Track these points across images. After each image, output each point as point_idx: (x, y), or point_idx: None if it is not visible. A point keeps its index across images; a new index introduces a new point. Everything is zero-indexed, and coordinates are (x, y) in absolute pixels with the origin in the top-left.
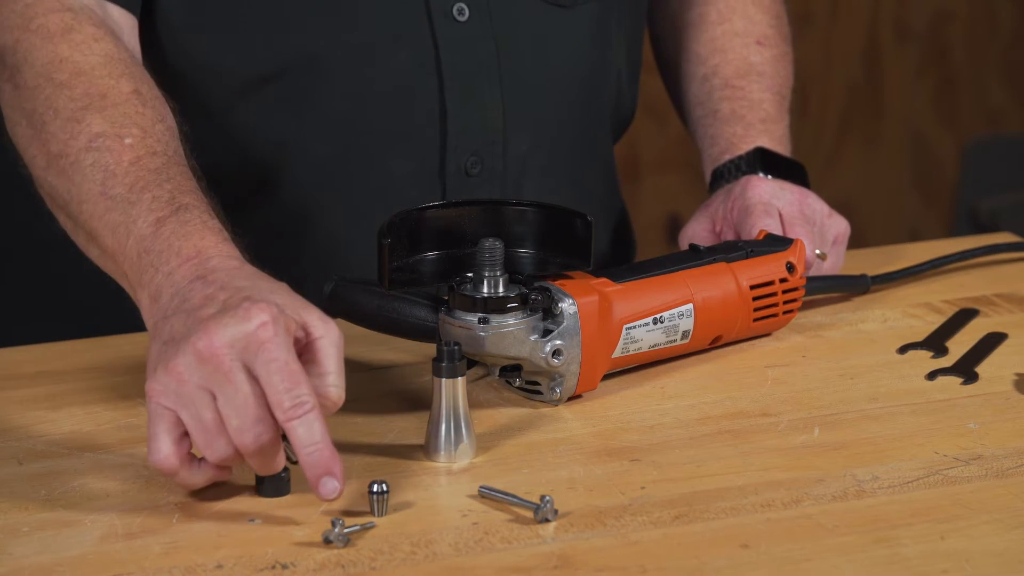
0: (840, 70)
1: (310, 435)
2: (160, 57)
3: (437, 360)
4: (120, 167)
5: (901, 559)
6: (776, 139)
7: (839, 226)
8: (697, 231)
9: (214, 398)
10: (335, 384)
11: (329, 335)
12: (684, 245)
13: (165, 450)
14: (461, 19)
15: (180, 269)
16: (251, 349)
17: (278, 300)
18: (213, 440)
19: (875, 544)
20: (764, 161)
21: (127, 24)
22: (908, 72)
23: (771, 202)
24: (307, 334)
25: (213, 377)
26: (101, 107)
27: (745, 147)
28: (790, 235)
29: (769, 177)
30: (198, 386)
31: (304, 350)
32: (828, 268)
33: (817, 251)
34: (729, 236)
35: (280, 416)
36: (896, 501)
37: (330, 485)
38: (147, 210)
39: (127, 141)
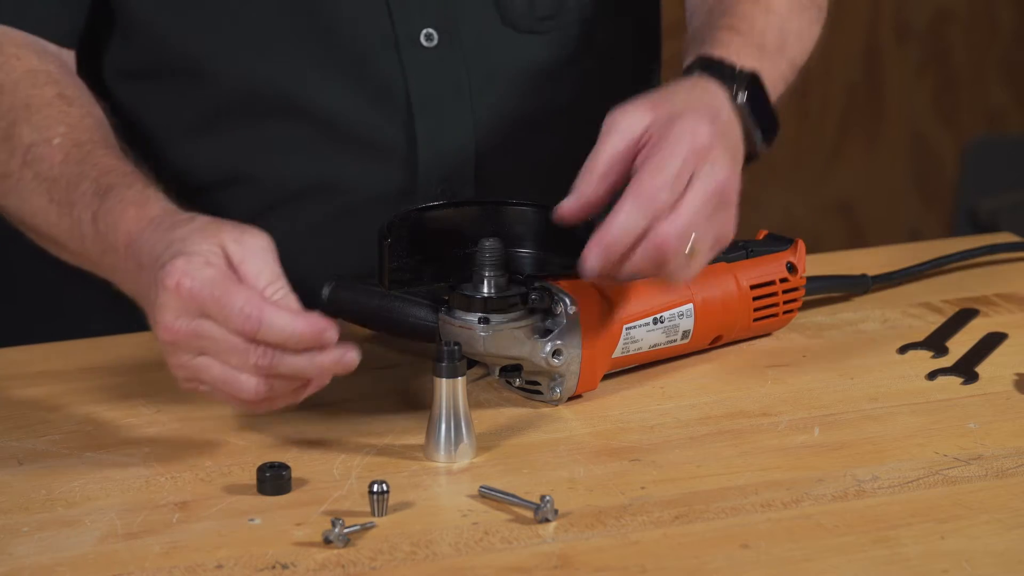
0: (840, 70)
1: (279, 332)
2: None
3: (437, 360)
4: (54, 171)
5: (901, 559)
6: (765, 70)
7: (723, 225)
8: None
9: (210, 354)
10: (278, 292)
11: (247, 255)
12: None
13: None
14: (429, 45)
15: (127, 265)
16: (189, 307)
17: (186, 250)
18: (236, 383)
19: (875, 544)
20: (744, 83)
21: (66, 58)
22: (908, 72)
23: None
24: (229, 261)
25: (192, 345)
26: (27, 117)
27: (735, 58)
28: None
29: (722, 88)
30: (192, 360)
31: (238, 275)
32: (693, 266)
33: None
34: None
35: (248, 337)
36: (896, 501)
37: (329, 335)
38: (83, 209)
39: (55, 142)
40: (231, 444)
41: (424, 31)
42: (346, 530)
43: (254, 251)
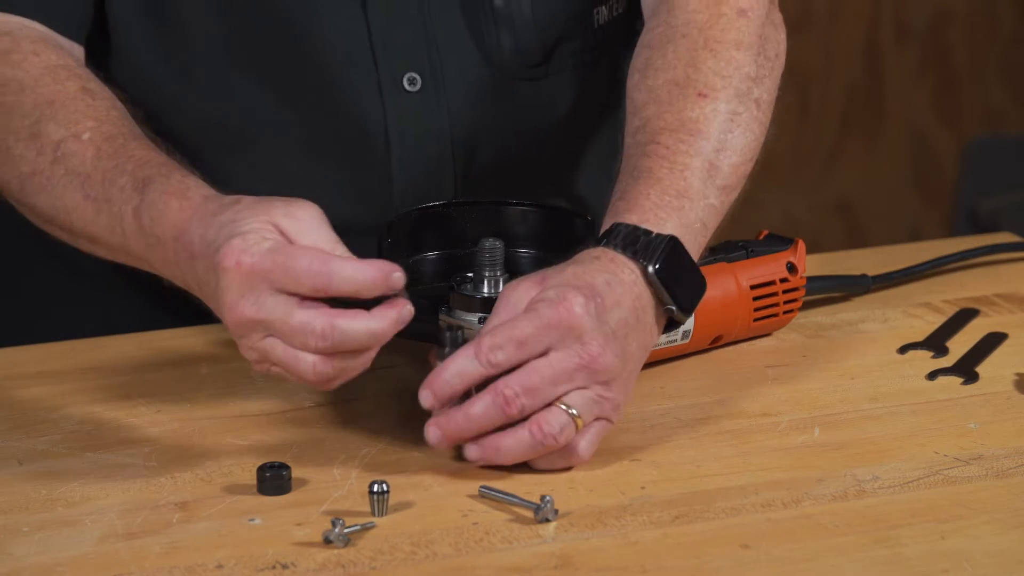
0: (840, 70)
1: (349, 280)
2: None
3: (440, 345)
4: (87, 166)
5: (901, 559)
6: (687, 222)
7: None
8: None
9: (274, 335)
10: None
11: (301, 227)
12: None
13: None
14: (412, 89)
15: (179, 257)
16: (253, 283)
17: (238, 230)
18: (295, 362)
19: (875, 544)
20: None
21: (76, 53)
22: (908, 72)
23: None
24: (285, 236)
25: (259, 328)
26: (52, 114)
27: (653, 218)
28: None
29: (631, 265)
30: (261, 341)
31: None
32: (589, 437)
33: (574, 411)
34: None
35: (321, 290)
36: (896, 501)
37: (396, 277)
38: (123, 204)
39: (85, 137)
40: (231, 444)
41: (407, 75)
42: (346, 530)
43: (308, 222)
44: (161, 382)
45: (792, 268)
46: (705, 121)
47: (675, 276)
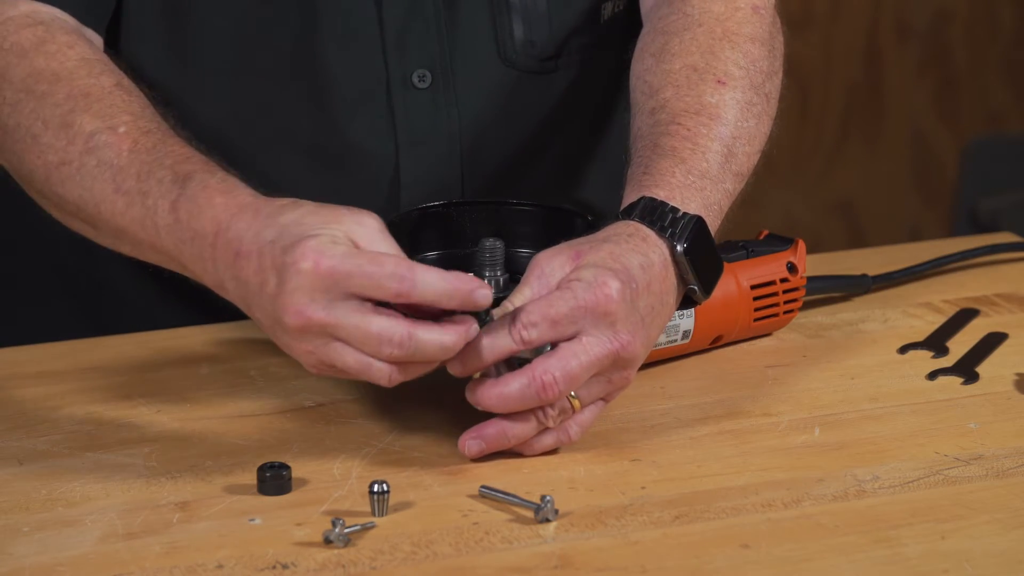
0: (840, 70)
1: (431, 287)
2: None
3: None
4: (122, 159)
5: (901, 559)
6: (708, 203)
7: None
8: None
9: (344, 341)
10: (398, 260)
11: (367, 235)
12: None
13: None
14: (422, 86)
15: (217, 254)
16: (328, 286)
17: (310, 232)
18: (369, 370)
19: (875, 544)
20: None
21: (98, 45)
22: (908, 72)
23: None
24: (355, 244)
25: (326, 331)
26: (86, 106)
27: (679, 196)
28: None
29: (660, 243)
30: (326, 343)
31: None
32: (582, 420)
33: (572, 393)
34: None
35: (404, 297)
36: (896, 501)
37: (480, 294)
38: (160, 197)
39: (121, 130)
40: (231, 444)
41: (417, 72)
42: (346, 530)
43: (375, 233)
44: (161, 382)
45: (792, 268)
46: (724, 107)
47: (700, 256)
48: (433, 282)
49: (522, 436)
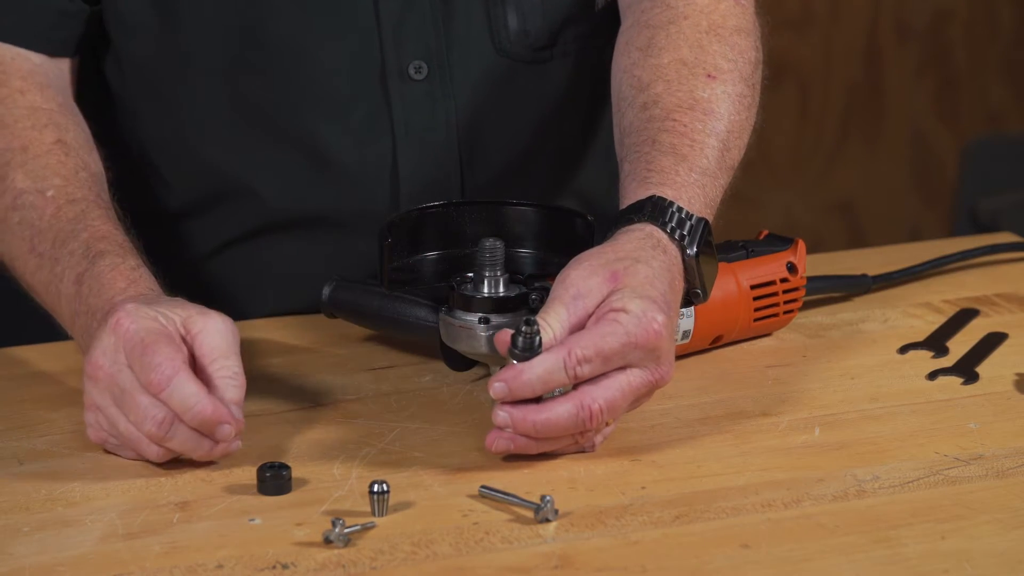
0: (840, 70)
1: (181, 400)
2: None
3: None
4: (43, 222)
5: (901, 559)
6: (709, 201)
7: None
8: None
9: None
10: (225, 368)
11: (207, 327)
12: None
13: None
14: (418, 78)
15: (100, 329)
16: (121, 348)
17: (147, 302)
18: (137, 442)
19: (875, 544)
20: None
21: (65, 69)
22: (908, 72)
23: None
24: (187, 331)
25: (107, 389)
26: (23, 161)
27: (685, 196)
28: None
29: (673, 249)
30: (109, 406)
31: (192, 347)
32: (606, 431)
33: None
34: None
35: (153, 392)
36: (896, 501)
37: (223, 430)
38: (67, 267)
39: (49, 194)
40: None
41: (413, 63)
42: (346, 530)
43: (215, 327)
44: None
45: (792, 268)
46: (717, 102)
47: (706, 260)
48: (186, 395)
49: (554, 450)
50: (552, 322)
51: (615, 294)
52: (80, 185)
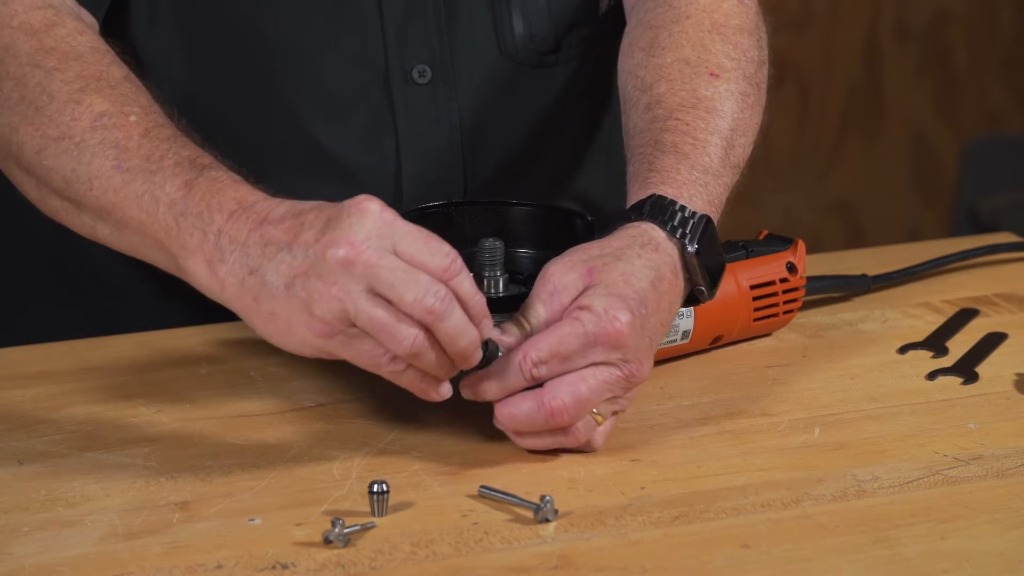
0: (840, 70)
1: (467, 288)
2: None
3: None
4: (131, 141)
5: (901, 559)
6: (712, 198)
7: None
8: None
9: (377, 296)
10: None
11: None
12: (548, 282)
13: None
14: (422, 81)
15: (230, 224)
16: (386, 232)
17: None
18: (395, 330)
19: (875, 544)
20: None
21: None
22: (908, 72)
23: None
24: None
25: (368, 274)
26: (98, 88)
27: (686, 194)
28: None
29: (673, 247)
30: (361, 292)
31: None
32: (603, 430)
33: (595, 410)
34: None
35: (443, 277)
36: (896, 501)
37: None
38: (172, 175)
39: (132, 118)
40: (231, 444)
41: (417, 67)
42: (346, 530)
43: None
44: (161, 382)
45: (792, 268)
46: (720, 100)
47: (708, 256)
48: (470, 285)
49: (541, 447)
50: (530, 317)
51: (587, 291)
52: (160, 115)
